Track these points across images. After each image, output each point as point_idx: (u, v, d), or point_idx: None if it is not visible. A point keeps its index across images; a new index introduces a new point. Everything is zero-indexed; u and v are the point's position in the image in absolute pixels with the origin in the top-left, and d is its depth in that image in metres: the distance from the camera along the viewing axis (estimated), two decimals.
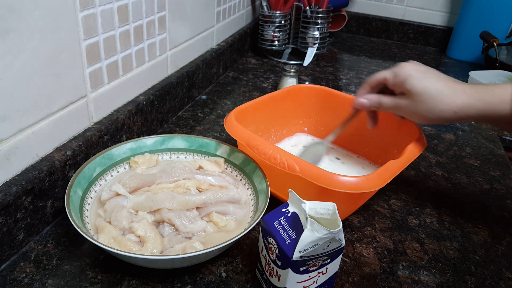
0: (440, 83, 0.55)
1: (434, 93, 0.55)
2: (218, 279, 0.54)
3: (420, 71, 0.57)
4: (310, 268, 0.46)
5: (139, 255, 0.47)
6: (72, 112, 0.63)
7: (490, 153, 0.88)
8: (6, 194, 0.51)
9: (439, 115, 0.55)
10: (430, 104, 0.55)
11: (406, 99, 0.57)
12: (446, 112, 0.55)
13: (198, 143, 0.70)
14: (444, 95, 0.54)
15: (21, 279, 0.51)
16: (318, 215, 0.45)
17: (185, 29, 0.91)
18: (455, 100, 0.54)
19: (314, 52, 1.24)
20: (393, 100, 0.59)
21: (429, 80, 0.56)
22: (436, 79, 0.56)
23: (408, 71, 0.57)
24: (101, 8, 0.63)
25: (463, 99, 0.54)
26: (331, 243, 0.44)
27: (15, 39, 0.50)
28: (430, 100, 0.55)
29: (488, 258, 0.61)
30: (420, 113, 0.57)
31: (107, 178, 0.63)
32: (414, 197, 0.73)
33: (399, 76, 0.57)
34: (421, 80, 0.55)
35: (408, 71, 0.57)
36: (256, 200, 0.60)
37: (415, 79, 0.56)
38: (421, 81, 0.55)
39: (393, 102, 0.59)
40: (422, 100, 0.55)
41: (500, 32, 1.30)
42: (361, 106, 0.63)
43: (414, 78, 0.56)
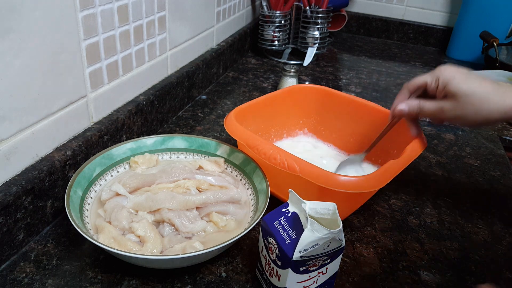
0: (485, 83, 0.54)
1: (482, 94, 0.53)
2: (218, 279, 0.54)
3: (463, 72, 0.55)
4: (310, 268, 0.46)
5: (139, 255, 0.47)
6: (72, 112, 0.63)
7: (490, 153, 0.88)
8: (6, 194, 0.51)
9: (487, 117, 0.53)
10: (478, 105, 0.53)
11: (451, 102, 0.55)
12: (495, 113, 0.53)
13: (198, 143, 0.70)
14: (492, 95, 0.53)
15: (21, 279, 0.51)
16: (318, 215, 0.45)
17: (185, 29, 0.91)
18: (504, 100, 0.52)
19: (314, 52, 1.24)
20: (436, 104, 0.56)
21: (474, 81, 0.54)
22: (481, 81, 0.54)
23: (451, 73, 0.55)
24: (101, 8, 0.63)
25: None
26: (331, 243, 0.44)
27: (15, 39, 0.50)
28: (477, 101, 0.53)
29: (488, 258, 0.61)
30: (467, 116, 0.54)
31: (107, 178, 0.63)
32: (414, 197, 0.73)
33: (441, 79, 0.55)
34: (466, 82, 0.54)
35: (451, 73, 0.55)
36: (256, 200, 0.60)
37: (460, 81, 0.54)
38: (466, 82, 0.54)
39: (436, 106, 0.56)
40: (469, 101, 0.53)
41: (500, 32, 1.30)
42: (400, 113, 0.60)
43: (458, 80, 0.54)
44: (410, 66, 1.33)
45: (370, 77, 1.23)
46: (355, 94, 1.10)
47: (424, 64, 1.36)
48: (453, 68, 0.56)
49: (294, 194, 0.47)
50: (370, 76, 1.24)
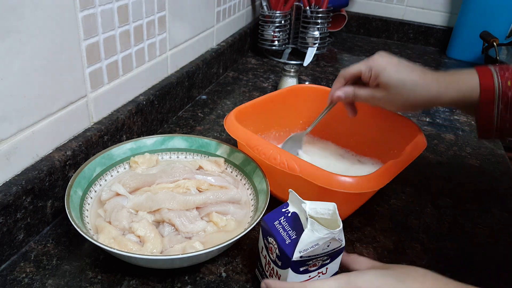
0: (413, 74, 0.58)
1: (409, 84, 0.57)
2: (218, 279, 0.54)
3: (393, 63, 0.59)
4: (310, 268, 0.46)
5: (139, 255, 0.47)
6: (72, 112, 0.63)
7: (490, 153, 0.88)
8: (6, 194, 0.51)
9: (414, 104, 0.58)
10: (406, 95, 0.58)
11: (382, 91, 0.59)
12: (421, 101, 0.58)
13: (198, 143, 0.70)
14: (419, 85, 0.57)
15: (21, 279, 0.51)
16: (318, 215, 0.45)
17: (185, 29, 0.91)
18: (429, 90, 0.57)
19: (314, 52, 1.24)
20: (368, 92, 0.61)
21: (403, 72, 0.58)
22: (409, 71, 0.58)
23: (382, 64, 0.59)
24: (101, 8, 0.63)
25: (436, 88, 0.56)
26: (331, 243, 0.44)
27: (15, 39, 0.50)
28: (405, 91, 0.57)
29: (488, 258, 0.61)
30: (397, 103, 0.59)
31: (107, 178, 0.63)
32: (414, 197, 0.73)
33: (374, 70, 0.59)
34: (396, 73, 0.58)
35: (382, 64, 0.59)
36: (256, 200, 0.60)
37: (390, 72, 0.58)
38: (396, 74, 0.58)
39: (368, 94, 0.61)
40: (398, 91, 0.58)
41: (500, 32, 1.30)
42: (337, 98, 0.65)
43: (389, 71, 0.58)
44: None
45: None
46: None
47: (424, 64, 1.36)
48: (385, 59, 0.60)
49: (294, 194, 0.47)
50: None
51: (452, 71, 0.58)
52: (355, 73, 0.63)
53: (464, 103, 0.57)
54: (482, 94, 0.54)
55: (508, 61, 1.21)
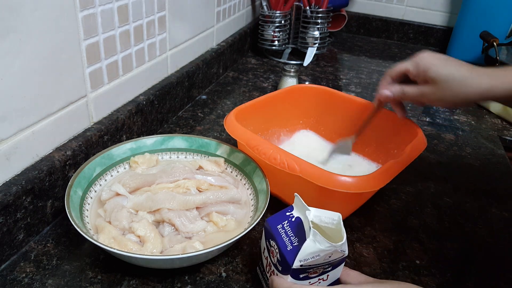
0: (462, 68, 0.57)
1: (459, 78, 0.56)
2: (218, 279, 0.54)
3: (441, 58, 0.58)
4: (311, 275, 0.45)
5: (139, 255, 0.47)
6: (72, 112, 0.63)
7: (490, 153, 0.88)
8: (6, 194, 0.51)
9: (465, 99, 0.56)
10: (456, 89, 0.56)
11: (431, 87, 0.58)
12: (472, 95, 0.56)
13: (198, 143, 0.70)
14: (469, 79, 0.55)
15: (21, 279, 0.51)
16: (323, 223, 0.44)
17: (185, 29, 0.91)
18: (480, 83, 0.55)
19: (314, 52, 1.24)
20: (417, 88, 0.60)
21: (452, 66, 0.57)
22: (458, 65, 0.57)
23: (430, 59, 0.58)
24: (101, 8, 0.63)
25: (488, 81, 0.55)
26: (333, 254, 0.43)
27: (15, 39, 0.50)
28: (456, 85, 0.56)
29: (488, 258, 0.61)
30: (447, 99, 0.58)
31: (107, 178, 0.63)
32: (414, 197, 0.73)
33: (421, 65, 0.58)
34: (444, 67, 0.57)
35: (430, 59, 0.58)
36: (256, 200, 0.60)
37: (438, 67, 0.57)
38: (445, 68, 0.57)
39: (417, 90, 0.60)
40: (448, 86, 0.56)
41: (500, 32, 1.30)
42: (385, 97, 0.64)
43: (437, 66, 0.57)
44: None
45: (370, 77, 1.23)
46: (355, 94, 1.10)
47: None
48: (432, 55, 0.59)
49: (299, 199, 0.46)
50: (370, 76, 1.24)
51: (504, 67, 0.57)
52: (402, 71, 0.62)
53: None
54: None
55: (508, 61, 1.21)
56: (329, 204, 0.51)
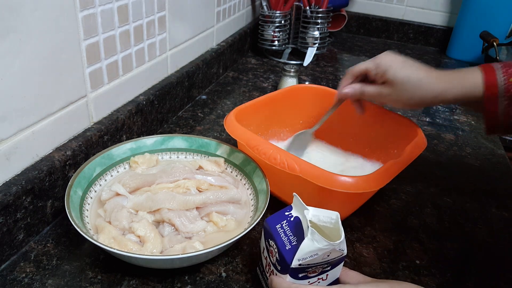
0: (419, 71, 0.59)
1: (415, 81, 0.58)
2: (218, 279, 0.54)
3: (400, 61, 0.60)
4: (310, 274, 0.45)
5: (139, 255, 0.47)
6: (72, 112, 0.63)
7: (490, 153, 0.88)
8: (6, 194, 0.51)
9: (420, 101, 0.59)
10: (412, 91, 0.59)
11: (388, 88, 0.60)
12: (427, 98, 0.59)
13: (198, 143, 0.70)
14: (424, 82, 0.58)
15: (21, 279, 0.51)
16: (321, 222, 0.45)
17: (185, 29, 0.91)
18: (434, 87, 0.58)
19: (314, 52, 1.24)
20: (376, 88, 0.62)
21: (409, 69, 0.59)
22: (415, 68, 0.60)
23: (389, 61, 0.60)
24: (101, 8, 0.63)
25: (441, 85, 0.58)
26: (331, 253, 0.43)
27: (15, 39, 0.50)
28: (411, 88, 0.58)
29: (488, 258, 0.61)
30: (403, 100, 0.60)
31: (107, 178, 0.63)
32: (414, 197, 0.73)
33: (381, 67, 0.61)
34: (402, 70, 0.59)
35: (389, 61, 0.60)
36: (256, 200, 0.60)
37: (396, 69, 0.59)
38: (402, 71, 0.59)
39: (376, 90, 0.62)
40: (404, 88, 0.59)
41: (500, 32, 1.30)
42: (345, 95, 0.66)
43: (395, 68, 0.59)
44: None
45: None
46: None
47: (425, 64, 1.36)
48: (391, 56, 0.61)
49: (298, 199, 0.47)
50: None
51: (457, 69, 0.59)
52: (362, 70, 0.64)
53: (469, 100, 0.57)
54: (486, 90, 0.55)
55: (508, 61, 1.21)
56: (329, 204, 0.51)
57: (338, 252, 0.44)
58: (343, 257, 0.45)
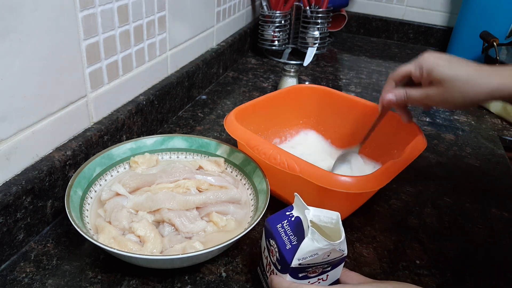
0: (469, 67, 0.54)
1: (466, 77, 0.53)
2: (218, 279, 0.54)
3: (445, 59, 0.56)
4: (310, 275, 0.45)
5: (139, 255, 0.47)
6: (72, 112, 0.63)
7: (490, 153, 0.88)
8: (6, 194, 0.51)
9: (474, 98, 0.54)
10: (463, 89, 0.54)
11: (436, 88, 0.56)
12: (482, 94, 0.53)
13: (198, 143, 0.70)
14: (477, 78, 0.53)
15: (21, 279, 0.51)
16: (322, 223, 0.45)
17: (185, 29, 0.91)
18: (489, 81, 0.53)
19: (314, 52, 1.24)
20: (422, 91, 0.58)
21: (458, 66, 0.55)
22: (463, 64, 0.55)
23: (434, 60, 0.56)
24: (101, 8, 0.63)
25: (498, 80, 0.53)
26: (332, 253, 0.43)
27: (15, 39, 0.50)
28: (462, 85, 0.53)
29: (488, 259, 0.61)
30: (454, 100, 0.55)
31: (107, 178, 0.63)
32: (414, 197, 0.73)
33: (425, 67, 0.56)
34: (450, 67, 0.54)
35: (434, 60, 0.56)
36: (256, 200, 0.60)
37: (443, 67, 0.55)
38: (450, 68, 0.54)
39: (422, 93, 0.58)
40: (454, 86, 0.54)
41: (500, 32, 1.30)
42: (388, 102, 0.61)
43: (442, 66, 0.55)
44: None
45: (370, 77, 1.23)
46: (355, 94, 1.10)
47: None
48: (435, 55, 0.57)
49: (299, 199, 0.47)
50: (370, 76, 1.24)
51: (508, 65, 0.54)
52: (404, 73, 0.60)
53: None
54: None
55: (508, 61, 1.21)
56: (329, 204, 0.51)
57: (339, 252, 0.44)
58: (344, 257, 0.45)
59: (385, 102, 0.62)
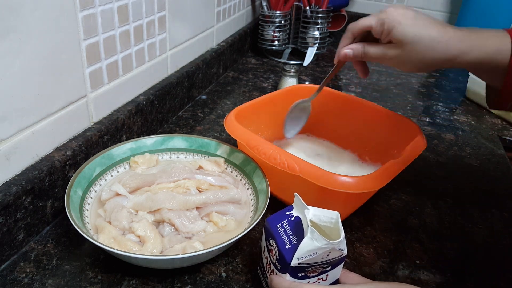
0: (433, 29, 0.51)
1: (427, 41, 0.51)
2: (218, 279, 0.54)
3: (410, 17, 0.52)
4: (310, 274, 0.45)
5: (139, 255, 0.47)
6: (72, 112, 0.63)
7: (490, 153, 0.88)
8: (6, 194, 0.51)
9: (431, 64, 0.52)
10: (423, 53, 0.51)
11: (395, 48, 0.53)
12: (440, 60, 0.51)
13: (198, 143, 0.70)
14: (438, 42, 0.50)
15: (21, 279, 0.51)
16: (322, 222, 0.45)
17: (185, 29, 0.91)
18: (449, 48, 0.50)
19: (314, 52, 1.24)
20: (380, 49, 0.55)
21: (421, 27, 0.51)
22: (428, 25, 0.51)
23: (397, 17, 0.52)
24: (101, 8, 0.63)
25: (458, 46, 0.50)
26: (331, 252, 0.43)
27: (15, 39, 0.50)
28: (422, 48, 0.51)
29: (488, 259, 0.61)
30: (411, 63, 0.53)
31: (107, 178, 0.63)
32: (414, 197, 0.73)
33: (386, 24, 0.53)
34: (412, 28, 0.51)
35: (397, 17, 0.52)
36: (256, 200, 0.60)
37: (405, 26, 0.51)
38: (412, 28, 0.51)
39: (380, 51, 0.55)
40: (414, 49, 0.51)
41: None
42: (345, 57, 0.58)
43: (404, 25, 0.51)
44: None
45: (370, 77, 1.23)
46: (355, 94, 1.10)
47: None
48: (400, 11, 0.53)
49: (298, 199, 0.46)
50: (370, 76, 1.24)
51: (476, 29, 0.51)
52: (364, 27, 0.56)
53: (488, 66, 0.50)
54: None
55: None
56: (329, 204, 0.51)
57: (338, 251, 0.44)
58: (343, 257, 0.45)
59: (341, 56, 0.59)
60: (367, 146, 0.77)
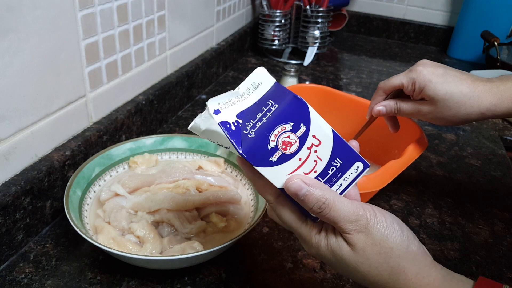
0: (463, 85, 0.53)
1: (459, 97, 0.53)
2: (218, 280, 0.54)
3: (439, 74, 0.54)
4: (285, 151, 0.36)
5: (139, 256, 0.47)
6: (71, 112, 0.62)
7: (491, 153, 0.87)
8: (5, 194, 0.51)
9: (465, 118, 0.54)
10: (455, 108, 0.53)
11: (428, 105, 0.55)
12: (473, 115, 0.54)
13: (197, 143, 0.70)
14: (469, 97, 0.53)
15: (20, 280, 0.51)
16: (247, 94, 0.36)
17: (185, 28, 0.91)
18: (481, 102, 0.53)
19: (314, 52, 1.24)
20: (413, 106, 0.57)
21: (451, 83, 0.53)
22: (458, 81, 0.53)
23: (427, 76, 0.54)
24: (100, 8, 0.63)
25: (490, 99, 0.52)
26: (271, 91, 0.34)
27: (14, 39, 0.50)
28: (455, 105, 0.53)
29: (489, 259, 0.60)
30: (446, 118, 0.55)
31: (106, 178, 0.63)
32: (415, 197, 0.72)
33: (418, 83, 0.55)
34: (443, 85, 0.53)
35: (427, 76, 0.54)
36: (256, 200, 0.60)
37: (436, 84, 0.54)
38: (443, 86, 0.53)
39: (413, 108, 0.57)
40: (447, 105, 0.54)
41: (501, 31, 1.29)
42: (378, 113, 0.61)
43: (435, 83, 0.54)
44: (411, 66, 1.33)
45: (371, 77, 1.22)
46: (356, 93, 1.10)
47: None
48: (429, 69, 0.55)
49: None
50: (370, 75, 1.23)
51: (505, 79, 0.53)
52: (396, 86, 0.59)
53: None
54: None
55: (509, 61, 1.21)
56: None
57: (284, 93, 0.34)
58: (306, 106, 0.36)
59: (375, 112, 0.61)
60: (368, 146, 0.77)
